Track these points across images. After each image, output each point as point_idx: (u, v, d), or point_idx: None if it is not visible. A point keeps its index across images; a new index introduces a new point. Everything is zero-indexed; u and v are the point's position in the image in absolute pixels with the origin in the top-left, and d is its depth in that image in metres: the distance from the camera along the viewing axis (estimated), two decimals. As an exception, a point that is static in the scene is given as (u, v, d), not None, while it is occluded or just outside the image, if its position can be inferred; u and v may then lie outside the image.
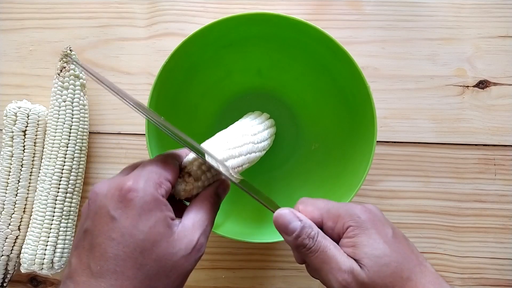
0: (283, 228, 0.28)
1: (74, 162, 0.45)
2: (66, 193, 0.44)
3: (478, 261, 0.47)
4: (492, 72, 0.48)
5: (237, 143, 0.33)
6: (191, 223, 0.25)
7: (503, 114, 0.48)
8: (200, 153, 0.28)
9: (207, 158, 0.28)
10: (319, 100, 0.44)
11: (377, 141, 0.36)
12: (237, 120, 0.42)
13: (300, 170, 0.46)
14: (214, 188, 0.29)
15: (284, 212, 0.28)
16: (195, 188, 0.28)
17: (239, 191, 0.42)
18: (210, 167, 0.29)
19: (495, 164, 0.47)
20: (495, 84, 0.48)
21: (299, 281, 0.47)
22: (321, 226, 0.28)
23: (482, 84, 0.48)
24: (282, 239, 0.37)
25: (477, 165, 0.47)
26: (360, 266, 0.26)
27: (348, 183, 0.39)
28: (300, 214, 0.28)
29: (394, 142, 0.48)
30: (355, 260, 0.26)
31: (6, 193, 0.44)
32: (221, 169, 0.28)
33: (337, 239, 0.28)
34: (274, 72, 0.44)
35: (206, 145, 0.31)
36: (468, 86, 0.48)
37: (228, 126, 0.41)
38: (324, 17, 0.49)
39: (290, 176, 0.46)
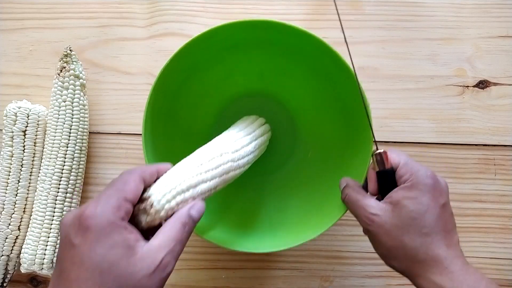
0: None
1: (74, 162, 0.45)
2: (66, 193, 0.44)
3: (478, 261, 0.47)
4: (492, 72, 0.48)
5: (211, 165, 0.32)
6: (157, 243, 0.26)
7: (503, 114, 0.48)
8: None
9: (173, 185, 0.28)
10: (319, 107, 0.44)
11: (377, 141, 0.36)
12: (237, 121, 0.42)
13: (296, 175, 0.46)
14: (186, 209, 0.29)
15: (341, 179, 0.37)
16: (157, 219, 0.27)
17: (229, 198, 0.42)
18: (179, 193, 0.29)
19: (495, 164, 0.47)
20: (495, 84, 0.48)
21: (299, 281, 0.47)
22: (394, 170, 0.34)
23: (482, 84, 0.48)
24: (267, 251, 0.38)
25: (477, 165, 0.47)
26: (391, 211, 0.32)
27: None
28: (345, 179, 0.37)
29: (394, 142, 0.48)
30: (392, 204, 0.32)
31: (6, 193, 0.44)
32: (190, 194, 0.29)
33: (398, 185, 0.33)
34: (276, 76, 0.44)
35: (179, 167, 0.31)
36: (468, 86, 0.48)
37: (228, 126, 0.40)
38: (324, 17, 0.49)
39: (285, 181, 0.46)
